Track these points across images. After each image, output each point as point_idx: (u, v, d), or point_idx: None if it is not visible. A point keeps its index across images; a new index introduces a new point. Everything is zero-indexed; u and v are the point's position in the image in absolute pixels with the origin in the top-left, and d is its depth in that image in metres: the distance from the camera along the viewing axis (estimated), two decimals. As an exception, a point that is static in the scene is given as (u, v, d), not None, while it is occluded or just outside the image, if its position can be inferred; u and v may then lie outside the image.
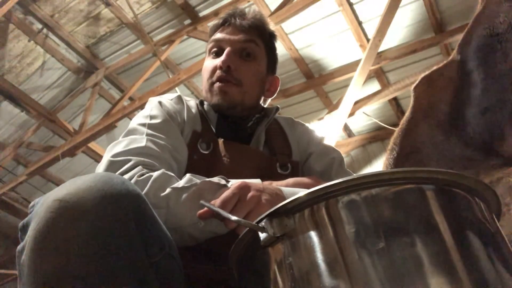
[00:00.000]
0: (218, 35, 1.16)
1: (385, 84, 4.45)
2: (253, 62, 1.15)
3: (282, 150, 1.14)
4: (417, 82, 1.24)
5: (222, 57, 1.11)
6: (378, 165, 5.20)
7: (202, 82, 1.19)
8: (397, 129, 1.26)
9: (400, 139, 1.22)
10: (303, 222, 0.55)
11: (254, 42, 1.16)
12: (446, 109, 1.20)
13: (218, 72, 1.11)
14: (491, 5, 1.14)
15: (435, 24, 3.93)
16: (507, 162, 1.10)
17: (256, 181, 0.86)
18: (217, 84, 1.11)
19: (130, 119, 4.38)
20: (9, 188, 5.35)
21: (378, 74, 4.48)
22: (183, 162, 1.03)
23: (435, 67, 1.23)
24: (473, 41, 1.17)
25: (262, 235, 0.56)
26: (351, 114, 3.94)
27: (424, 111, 1.22)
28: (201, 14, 4.40)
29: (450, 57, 1.22)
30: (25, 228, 0.69)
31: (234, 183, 0.83)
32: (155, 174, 0.86)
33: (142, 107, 4.17)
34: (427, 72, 1.24)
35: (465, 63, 1.18)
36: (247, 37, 1.15)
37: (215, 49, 1.17)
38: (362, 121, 5.02)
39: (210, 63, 1.16)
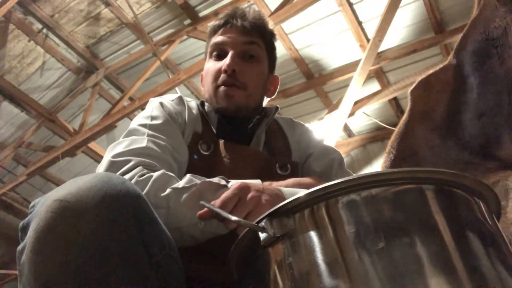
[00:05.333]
0: (220, 38, 1.15)
1: (385, 84, 4.45)
2: (256, 64, 1.15)
3: (281, 150, 1.14)
4: (414, 85, 1.25)
5: (227, 61, 1.10)
6: (378, 165, 5.20)
7: (204, 84, 1.19)
8: (394, 132, 1.26)
9: (397, 142, 1.23)
10: (303, 222, 0.55)
11: (256, 44, 1.15)
12: (442, 113, 1.20)
13: (223, 76, 1.11)
14: (486, 11, 1.15)
15: (435, 24, 3.93)
16: (504, 166, 1.10)
17: (256, 182, 0.86)
18: (223, 88, 1.10)
19: (130, 119, 4.35)
20: (9, 188, 5.35)
21: (378, 74, 4.48)
22: (184, 163, 1.03)
23: (431, 71, 1.23)
24: (469, 46, 1.17)
25: (262, 235, 0.56)
26: (351, 114, 3.94)
27: (421, 115, 1.22)
28: (201, 14, 4.40)
29: (447, 61, 1.22)
30: (25, 228, 0.69)
31: (234, 183, 0.83)
32: (156, 174, 0.87)
33: (142, 107, 4.17)
34: (424, 76, 1.24)
35: (461, 68, 1.18)
36: (250, 39, 1.14)
37: (217, 51, 1.16)
38: (362, 121, 5.02)
39: (213, 66, 1.14)
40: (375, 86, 4.52)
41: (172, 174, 0.89)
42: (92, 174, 0.70)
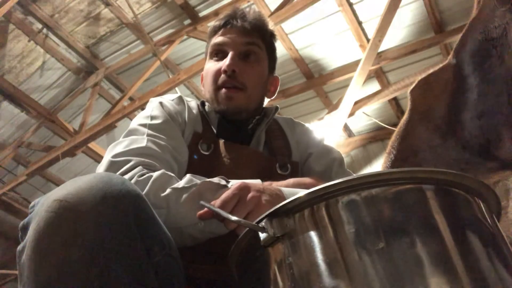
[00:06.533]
0: (220, 38, 1.15)
1: (385, 84, 4.45)
2: (256, 64, 1.15)
3: (281, 150, 1.14)
4: (413, 85, 1.24)
5: (227, 61, 1.10)
6: (378, 165, 5.20)
7: (204, 85, 1.19)
8: (394, 133, 1.26)
9: (398, 142, 1.23)
10: (303, 222, 0.55)
11: (256, 45, 1.15)
12: (443, 113, 1.20)
13: (223, 77, 1.11)
14: (486, 10, 1.15)
15: (435, 24, 3.93)
16: (504, 166, 1.10)
17: (256, 182, 0.86)
18: (223, 91, 1.10)
19: (130, 119, 4.35)
20: (9, 188, 5.35)
21: (378, 74, 4.48)
22: (184, 163, 1.03)
23: (431, 70, 1.23)
24: (469, 46, 1.17)
25: (262, 235, 0.56)
26: (351, 114, 3.94)
27: (421, 115, 1.22)
28: (201, 14, 4.40)
29: (446, 61, 1.22)
30: (25, 228, 0.69)
31: (234, 183, 0.83)
32: (155, 174, 0.87)
33: (142, 107, 4.17)
34: (423, 75, 1.24)
35: (461, 68, 1.18)
36: (250, 40, 1.14)
37: (217, 52, 1.16)
38: (362, 121, 5.02)
39: (213, 66, 1.14)
40: (375, 86, 4.52)
41: (172, 174, 0.89)
42: (92, 174, 0.70)
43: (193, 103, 1.18)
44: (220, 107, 1.11)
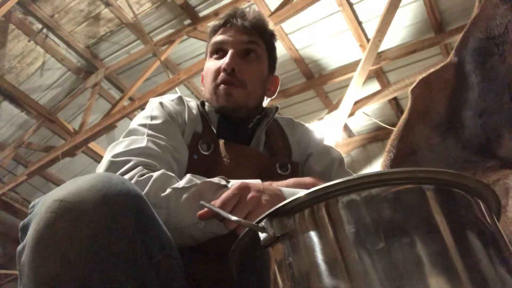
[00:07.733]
0: (220, 37, 1.16)
1: (385, 84, 4.45)
2: (256, 63, 1.15)
3: (282, 150, 1.14)
4: (414, 84, 1.25)
5: (226, 59, 1.11)
6: (378, 165, 5.20)
7: (204, 84, 1.19)
8: (394, 131, 1.26)
9: (397, 141, 1.23)
10: (303, 222, 0.55)
11: (256, 43, 1.16)
12: (443, 111, 1.20)
13: (222, 75, 1.11)
14: (488, 9, 1.15)
15: (435, 24, 3.93)
16: (504, 164, 1.10)
17: (256, 182, 0.86)
18: (222, 87, 1.11)
19: (130, 119, 4.35)
20: (9, 188, 5.35)
21: (378, 74, 4.48)
22: (184, 163, 1.03)
23: (432, 69, 1.23)
24: (470, 44, 1.17)
25: (262, 235, 0.56)
26: (351, 114, 3.95)
27: (421, 113, 1.22)
28: (201, 14, 4.40)
29: (448, 59, 1.22)
30: (25, 228, 0.69)
31: (234, 183, 0.83)
32: (156, 174, 0.87)
33: (142, 107, 4.17)
34: (424, 74, 1.24)
35: (462, 66, 1.18)
36: (250, 38, 1.15)
37: (217, 50, 1.16)
38: (362, 121, 5.02)
39: (213, 65, 1.15)
40: (375, 86, 4.52)
41: (172, 174, 0.89)
42: (92, 174, 0.70)
43: (193, 103, 1.18)
44: (219, 103, 1.11)
